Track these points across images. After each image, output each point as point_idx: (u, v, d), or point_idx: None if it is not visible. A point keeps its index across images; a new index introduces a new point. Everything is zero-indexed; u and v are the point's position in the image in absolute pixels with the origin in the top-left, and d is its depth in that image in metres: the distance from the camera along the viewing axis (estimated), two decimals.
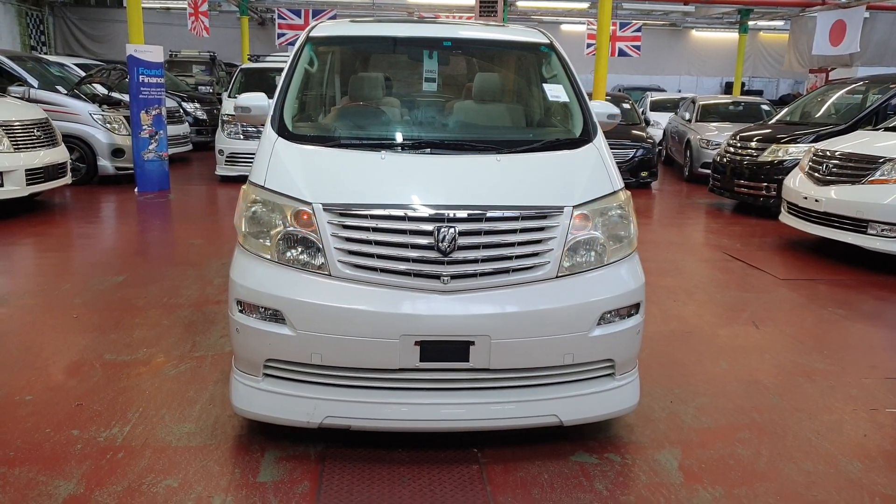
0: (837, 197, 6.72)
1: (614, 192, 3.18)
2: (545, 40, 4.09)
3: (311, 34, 4.00)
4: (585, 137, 3.51)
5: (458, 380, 2.92)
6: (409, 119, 3.88)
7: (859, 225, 6.48)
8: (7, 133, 7.83)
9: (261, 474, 2.92)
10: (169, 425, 3.30)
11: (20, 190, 7.87)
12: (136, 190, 9.97)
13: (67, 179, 8.83)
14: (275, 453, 3.07)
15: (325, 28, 4.10)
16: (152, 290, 5.40)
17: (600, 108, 3.82)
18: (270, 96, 3.69)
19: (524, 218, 2.92)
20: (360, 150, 3.27)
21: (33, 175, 8.01)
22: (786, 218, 7.55)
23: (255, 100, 3.66)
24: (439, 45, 4.14)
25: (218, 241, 7.20)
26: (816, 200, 6.90)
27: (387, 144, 3.35)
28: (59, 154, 8.63)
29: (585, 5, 22.04)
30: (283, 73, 3.75)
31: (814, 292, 5.86)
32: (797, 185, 7.36)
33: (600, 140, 3.50)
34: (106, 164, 10.37)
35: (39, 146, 8.27)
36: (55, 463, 2.96)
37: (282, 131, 3.38)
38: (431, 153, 3.29)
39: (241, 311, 2.97)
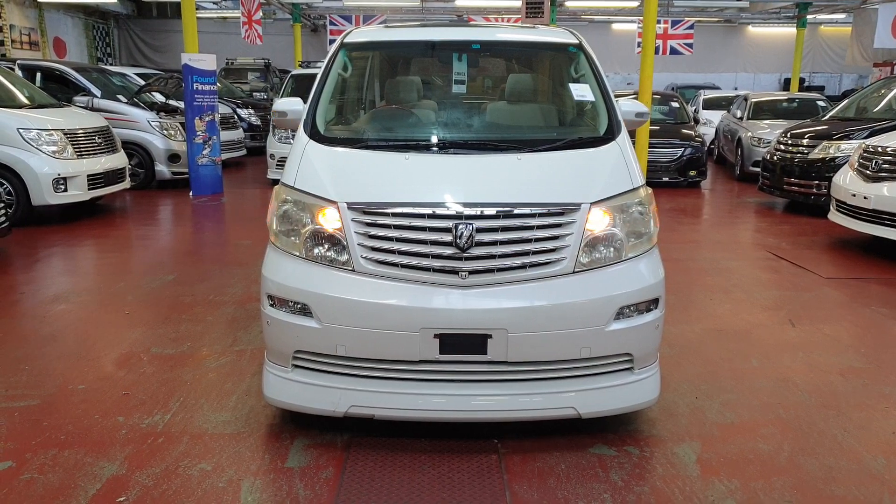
0: (887, 194, 6.56)
1: (634, 189, 3.22)
2: (574, 40, 4.14)
3: (344, 40, 4.14)
4: (609, 136, 3.55)
5: (476, 372, 3.01)
6: (436, 121, 3.97)
7: None
8: (71, 141, 8.25)
9: (289, 460, 3.06)
10: (207, 414, 3.49)
11: (82, 194, 8.29)
12: (190, 194, 10.35)
13: (126, 184, 9.24)
14: (303, 441, 3.22)
15: (359, 34, 4.24)
16: (200, 288, 5.65)
17: (629, 107, 3.85)
18: None
19: (541, 215, 3.00)
20: (386, 151, 3.38)
21: (95, 180, 8.42)
22: (834, 216, 7.39)
23: (292, 104, 3.81)
24: (468, 47, 4.23)
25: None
26: (865, 198, 6.74)
27: (412, 145, 3.46)
28: (119, 160, 9.05)
29: (636, 3, 21.71)
30: (317, 79, 3.90)
31: (858, 291, 5.73)
32: (846, 182, 7.19)
33: (624, 138, 3.54)
34: (163, 168, 10.82)
35: (100, 153, 8.68)
36: (101, 446, 3.17)
37: (313, 134, 3.52)
38: (455, 153, 3.39)
39: (271, 306, 3.13)
